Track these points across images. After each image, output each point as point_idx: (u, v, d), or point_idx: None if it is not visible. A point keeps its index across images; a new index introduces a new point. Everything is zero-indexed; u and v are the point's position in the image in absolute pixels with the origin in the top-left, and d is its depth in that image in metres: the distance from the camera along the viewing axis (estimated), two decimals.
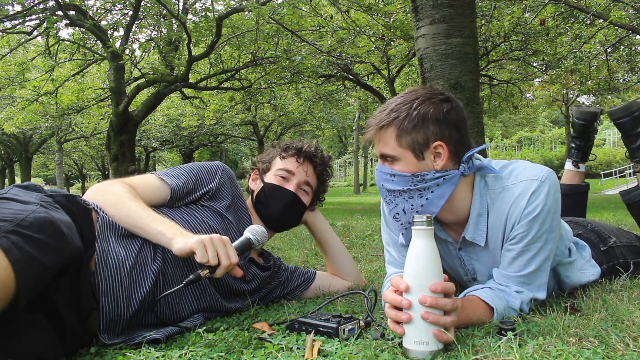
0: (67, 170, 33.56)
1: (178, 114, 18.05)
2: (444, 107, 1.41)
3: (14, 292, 0.98)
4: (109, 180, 1.57)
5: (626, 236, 2.02)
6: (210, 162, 1.73)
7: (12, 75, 11.30)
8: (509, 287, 1.46)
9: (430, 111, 1.39)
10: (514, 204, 1.42)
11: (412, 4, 3.48)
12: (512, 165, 1.49)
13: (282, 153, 1.82)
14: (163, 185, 1.59)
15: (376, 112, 1.47)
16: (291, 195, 1.76)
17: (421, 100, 1.41)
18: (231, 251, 1.34)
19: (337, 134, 29.40)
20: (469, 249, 1.55)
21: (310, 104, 14.15)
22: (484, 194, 1.47)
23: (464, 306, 1.33)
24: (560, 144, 32.79)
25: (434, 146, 1.40)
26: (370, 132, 1.45)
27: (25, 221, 1.04)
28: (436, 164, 1.41)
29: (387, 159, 1.45)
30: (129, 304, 1.37)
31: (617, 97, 19.72)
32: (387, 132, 1.42)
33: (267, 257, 1.89)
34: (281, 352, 1.19)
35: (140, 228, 1.41)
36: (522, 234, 1.42)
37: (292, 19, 8.49)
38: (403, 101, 1.43)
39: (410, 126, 1.39)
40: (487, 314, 1.39)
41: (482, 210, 1.47)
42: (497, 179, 1.47)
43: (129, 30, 9.78)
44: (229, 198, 1.70)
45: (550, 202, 1.40)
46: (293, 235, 4.16)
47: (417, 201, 1.45)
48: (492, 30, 8.74)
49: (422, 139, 1.39)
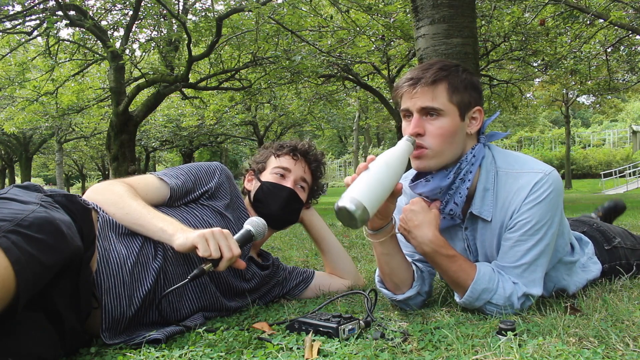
0: (67, 170, 33.55)
1: (178, 114, 18.04)
2: (478, 79, 1.52)
3: (14, 292, 0.98)
4: (109, 180, 1.57)
5: (631, 239, 2.02)
6: (208, 163, 1.75)
7: (12, 75, 11.30)
8: (509, 277, 1.47)
9: (472, 78, 1.49)
10: (517, 192, 1.44)
11: (412, 4, 3.48)
12: (518, 156, 1.54)
13: (276, 152, 1.85)
14: (162, 185, 1.60)
15: (415, 72, 1.48)
16: (289, 192, 1.78)
17: (463, 68, 1.50)
18: (233, 243, 1.35)
19: (337, 134, 29.42)
20: (475, 228, 1.55)
21: (310, 104, 14.15)
22: (490, 169, 1.50)
23: (457, 255, 1.46)
24: (560, 144, 32.79)
25: (474, 110, 1.49)
26: (419, 86, 1.44)
27: (25, 221, 1.04)
28: (470, 128, 1.49)
29: (429, 114, 1.45)
30: (131, 302, 1.38)
31: (617, 97, 19.73)
32: (438, 87, 1.44)
33: (265, 257, 1.90)
34: (281, 352, 1.19)
35: (141, 226, 1.42)
36: (520, 222, 1.43)
37: (292, 19, 8.49)
38: (446, 65, 1.48)
39: (462, 86, 1.46)
40: (471, 272, 1.45)
41: (488, 185, 1.49)
42: (504, 160, 1.51)
43: (129, 30, 9.78)
44: (227, 197, 1.71)
45: (551, 196, 1.42)
46: (293, 235, 4.16)
47: (462, 187, 1.48)
48: (492, 30, 8.74)
49: (467, 100, 1.47)
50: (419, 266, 1.62)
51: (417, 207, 1.51)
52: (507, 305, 1.44)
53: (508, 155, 1.53)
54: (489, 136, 1.58)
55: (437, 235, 1.46)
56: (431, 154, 1.46)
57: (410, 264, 1.61)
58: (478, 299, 1.45)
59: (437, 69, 1.45)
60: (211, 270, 1.35)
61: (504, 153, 1.54)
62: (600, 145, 34.33)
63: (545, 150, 33.21)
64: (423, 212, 1.49)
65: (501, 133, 1.67)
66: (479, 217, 1.51)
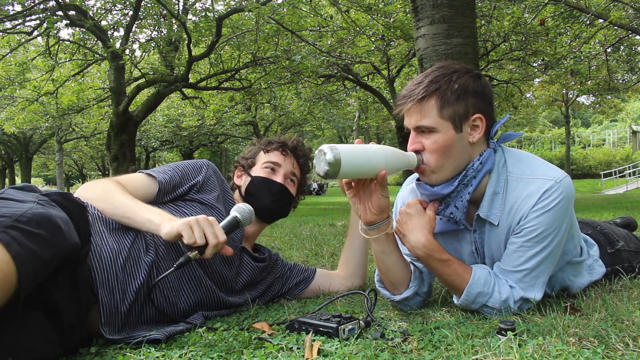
0: (68, 170, 33.58)
1: (178, 114, 18.05)
2: (481, 81, 1.45)
3: (16, 287, 0.99)
4: (98, 179, 1.60)
5: (634, 241, 2.01)
6: (195, 160, 1.78)
7: (13, 75, 11.31)
8: (506, 280, 1.46)
9: (470, 83, 1.42)
10: (526, 199, 1.42)
11: (412, 4, 3.49)
12: (532, 160, 1.50)
13: (265, 147, 1.87)
14: (150, 180, 1.62)
15: (409, 86, 1.45)
16: (280, 186, 1.80)
17: (460, 73, 1.43)
18: (218, 230, 1.35)
19: (337, 134, 29.42)
20: (482, 231, 1.53)
21: (310, 104, 14.16)
22: (501, 173, 1.47)
23: (451, 259, 1.45)
24: (560, 144, 32.80)
25: (473, 118, 1.43)
26: (409, 103, 1.42)
27: (23, 217, 1.05)
28: (472, 137, 1.44)
29: (423, 131, 1.43)
30: (124, 296, 1.39)
31: (617, 97, 19.74)
32: (428, 103, 1.40)
33: (262, 251, 1.91)
34: (281, 352, 1.19)
35: (129, 218, 1.44)
36: (527, 229, 1.42)
37: (292, 19, 8.49)
38: (442, 74, 1.43)
39: (453, 97, 1.40)
40: (466, 276, 1.44)
41: (497, 189, 1.46)
42: (516, 165, 1.47)
43: (129, 31, 9.79)
44: (217, 190, 1.73)
45: (561, 204, 1.40)
46: (293, 235, 4.17)
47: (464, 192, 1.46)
48: (492, 30, 8.75)
49: (463, 110, 1.41)
50: (418, 266, 1.61)
51: (412, 210, 1.50)
52: (503, 308, 1.44)
53: (521, 159, 1.49)
54: (503, 138, 1.54)
55: (429, 240, 1.45)
56: (429, 170, 1.44)
57: (408, 264, 1.61)
58: (474, 302, 1.45)
59: (428, 82, 1.41)
60: (197, 258, 1.35)
61: (517, 157, 1.50)
62: (600, 145, 34.34)
63: (545, 150, 33.22)
64: (417, 216, 1.49)
65: (516, 133, 1.61)
66: (487, 221, 1.49)
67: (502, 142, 1.53)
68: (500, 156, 1.49)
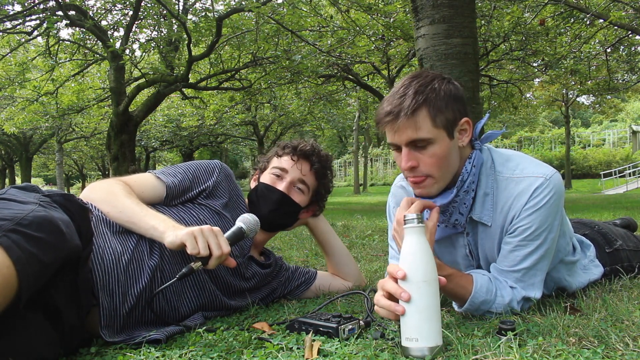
0: (68, 170, 33.55)
1: (178, 114, 18.05)
2: (456, 84, 1.44)
3: (16, 290, 0.99)
4: (106, 179, 1.57)
5: (633, 240, 2.01)
6: (208, 161, 1.73)
7: (13, 75, 11.31)
8: (506, 281, 1.46)
9: (451, 89, 1.40)
10: (517, 197, 1.42)
11: (412, 4, 3.48)
12: (519, 158, 1.49)
13: (279, 151, 1.81)
14: (159, 183, 1.59)
15: (391, 100, 1.37)
16: (280, 195, 1.73)
17: (439, 80, 1.40)
18: (222, 241, 1.34)
19: (337, 134, 29.42)
20: (475, 232, 1.53)
21: (310, 104, 14.16)
22: (489, 174, 1.47)
23: (453, 274, 1.41)
24: (560, 144, 32.78)
25: (461, 123, 1.41)
26: (401, 119, 1.34)
27: (24, 220, 1.05)
28: (462, 141, 1.43)
29: (418, 145, 1.36)
30: (125, 300, 1.38)
31: (617, 97, 19.72)
32: (419, 115, 1.34)
33: (268, 256, 1.88)
34: (281, 352, 1.19)
35: (134, 223, 1.42)
36: (521, 227, 1.42)
37: (292, 19, 8.49)
38: (422, 83, 1.38)
39: (443, 104, 1.36)
40: (468, 287, 1.42)
41: (487, 190, 1.46)
42: (504, 164, 1.47)
43: (129, 30, 9.78)
44: (226, 196, 1.69)
45: (552, 201, 1.40)
46: (293, 235, 4.16)
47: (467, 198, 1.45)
48: (492, 30, 8.74)
49: (452, 116, 1.38)
50: None
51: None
52: (507, 310, 1.44)
53: (508, 158, 1.49)
54: (485, 138, 1.53)
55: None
56: (431, 181, 1.41)
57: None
58: (477, 310, 1.45)
59: (414, 93, 1.34)
60: (200, 269, 1.34)
61: (504, 156, 1.49)
62: (600, 145, 34.29)
63: (545, 150, 33.19)
64: None
65: (497, 132, 1.57)
66: (479, 222, 1.49)
67: (485, 141, 1.53)
68: (487, 156, 1.48)
